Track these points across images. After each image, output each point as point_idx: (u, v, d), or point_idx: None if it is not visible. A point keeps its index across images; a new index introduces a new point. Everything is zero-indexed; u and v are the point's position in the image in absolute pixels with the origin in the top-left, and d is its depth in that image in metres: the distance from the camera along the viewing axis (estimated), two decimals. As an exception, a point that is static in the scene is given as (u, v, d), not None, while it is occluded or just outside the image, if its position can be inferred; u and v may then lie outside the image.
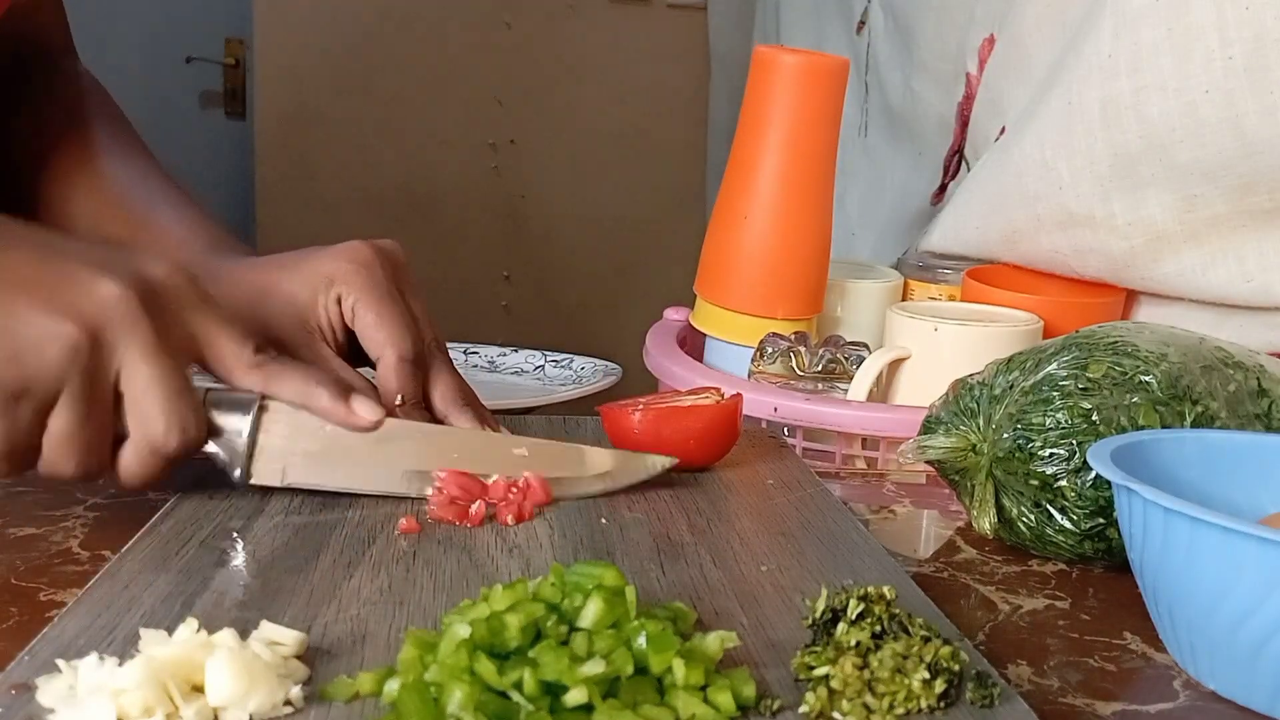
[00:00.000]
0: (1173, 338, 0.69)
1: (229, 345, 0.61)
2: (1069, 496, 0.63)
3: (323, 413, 0.63)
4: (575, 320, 2.69)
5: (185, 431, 0.58)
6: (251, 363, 0.62)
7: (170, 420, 0.57)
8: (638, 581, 0.52)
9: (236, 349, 0.61)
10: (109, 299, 0.56)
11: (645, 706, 0.41)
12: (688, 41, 2.66)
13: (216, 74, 2.75)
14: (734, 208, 0.98)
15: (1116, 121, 0.91)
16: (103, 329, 0.56)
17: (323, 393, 0.63)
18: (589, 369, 1.07)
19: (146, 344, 0.57)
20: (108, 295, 0.56)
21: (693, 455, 0.71)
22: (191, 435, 0.58)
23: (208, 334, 0.60)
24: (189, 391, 0.59)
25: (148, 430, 0.57)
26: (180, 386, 0.58)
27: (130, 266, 0.58)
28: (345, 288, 0.70)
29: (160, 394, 0.57)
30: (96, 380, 0.56)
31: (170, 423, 0.57)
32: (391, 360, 0.69)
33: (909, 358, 0.89)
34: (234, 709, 0.41)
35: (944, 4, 1.32)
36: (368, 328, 0.70)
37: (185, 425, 0.58)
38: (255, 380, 0.62)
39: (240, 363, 0.61)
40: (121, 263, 0.58)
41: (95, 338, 0.56)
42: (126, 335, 0.56)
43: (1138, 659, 0.54)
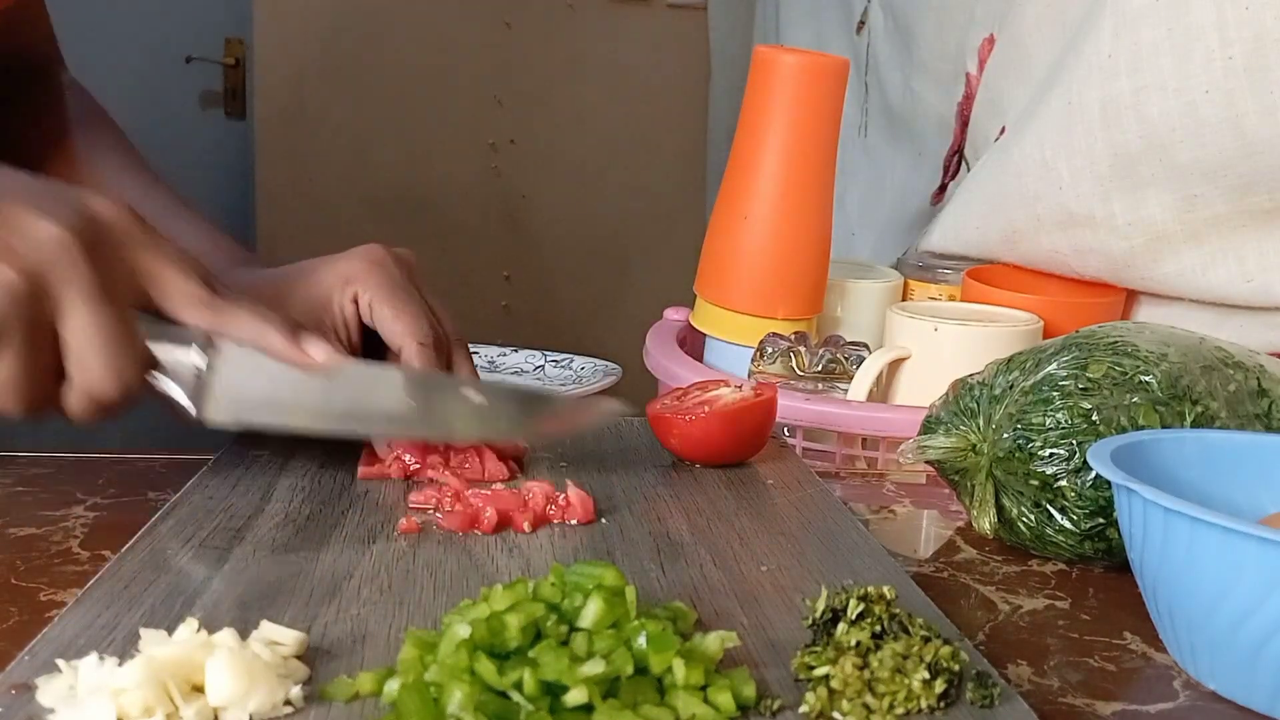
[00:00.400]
0: (1173, 338, 0.69)
1: (178, 282, 0.60)
2: (1069, 496, 0.63)
3: (274, 351, 0.62)
4: (575, 320, 2.69)
5: (123, 380, 0.57)
6: (202, 299, 0.60)
7: (107, 369, 0.57)
8: (638, 581, 0.52)
9: (186, 286, 0.60)
10: (49, 241, 0.55)
11: (645, 706, 0.41)
12: (688, 41, 2.66)
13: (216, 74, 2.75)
14: (734, 208, 0.98)
15: (1116, 121, 0.91)
16: (42, 273, 0.55)
17: (274, 331, 0.62)
18: (589, 369, 1.07)
19: (86, 289, 0.56)
20: (47, 237, 0.55)
21: (745, 452, 0.73)
22: (130, 383, 0.58)
23: (155, 271, 0.59)
24: (128, 339, 0.58)
25: (86, 378, 0.57)
26: (119, 334, 0.57)
27: (73, 205, 0.57)
28: (361, 285, 0.71)
29: (98, 342, 0.56)
30: (37, 325, 0.55)
31: (107, 371, 0.57)
32: (413, 348, 0.70)
33: (909, 358, 0.89)
34: (234, 709, 0.41)
35: (944, 4, 1.32)
36: (385, 320, 0.71)
37: (123, 373, 0.57)
38: (206, 318, 0.61)
39: (190, 300, 0.60)
40: (63, 201, 0.57)
41: (35, 282, 0.55)
42: (66, 279, 0.55)
43: (1138, 659, 0.54)
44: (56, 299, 0.56)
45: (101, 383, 0.57)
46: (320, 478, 0.67)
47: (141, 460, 0.76)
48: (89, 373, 0.57)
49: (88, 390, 0.57)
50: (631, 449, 0.75)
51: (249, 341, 0.62)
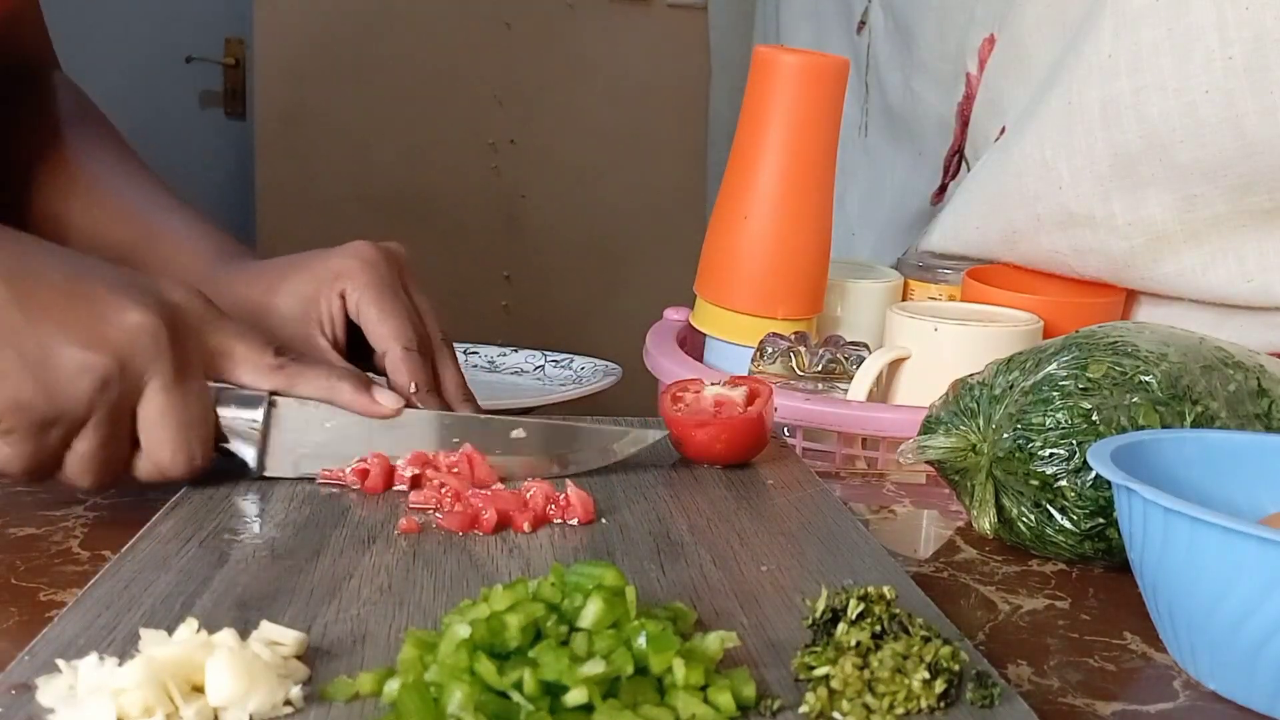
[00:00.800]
0: (1173, 338, 0.69)
1: (249, 353, 0.64)
2: (1069, 496, 0.63)
3: (348, 404, 0.66)
4: (575, 320, 2.69)
5: (191, 460, 0.62)
6: (272, 365, 0.65)
7: (178, 450, 0.61)
8: (638, 581, 0.52)
9: (256, 356, 0.65)
10: (137, 329, 0.59)
11: (645, 706, 0.41)
12: (688, 41, 2.65)
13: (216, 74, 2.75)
14: (734, 208, 0.98)
15: (1116, 121, 0.91)
16: (130, 359, 0.59)
17: (345, 386, 0.66)
18: (589, 369, 1.07)
19: (167, 374, 0.60)
20: (136, 325, 0.59)
21: (755, 452, 0.73)
22: (197, 463, 0.62)
23: (228, 347, 0.64)
24: (201, 420, 0.62)
25: (158, 457, 0.61)
26: (193, 417, 0.61)
27: (153, 292, 0.61)
28: (350, 283, 0.73)
29: (173, 425, 0.60)
30: (121, 407, 0.59)
31: (178, 452, 0.61)
32: (398, 353, 0.71)
33: (909, 358, 0.89)
34: (234, 709, 0.41)
35: (944, 4, 1.32)
36: (371, 322, 0.72)
37: (192, 455, 0.61)
38: (279, 381, 0.65)
39: (262, 367, 0.65)
40: (144, 288, 0.61)
41: (124, 368, 0.59)
42: (150, 366, 0.59)
43: (1138, 659, 0.54)
44: (140, 383, 0.60)
45: (173, 461, 0.61)
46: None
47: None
48: (160, 452, 0.61)
49: (157, 464, 0.61)
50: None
51: (320, 397, 0.66)
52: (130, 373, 0.59)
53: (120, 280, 0.61)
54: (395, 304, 0.73)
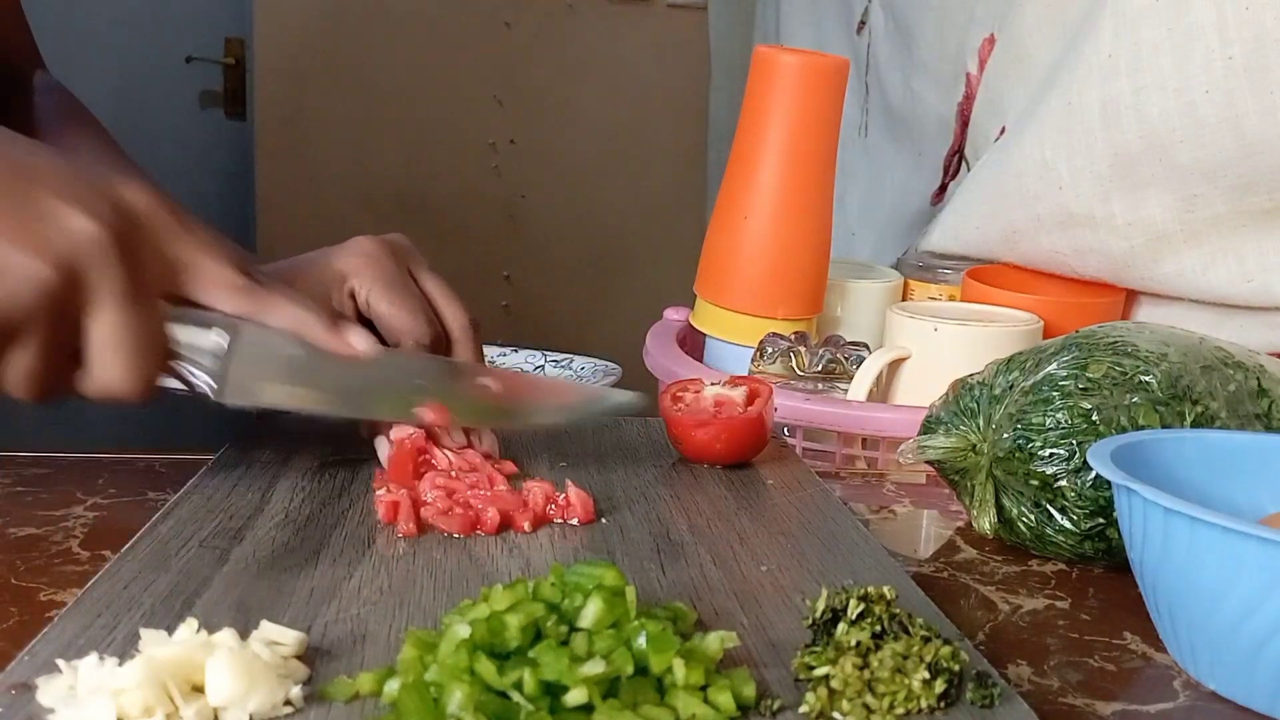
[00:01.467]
0: (1173, 338, 0.69)
1: (213, 270, 0.60)
2: (1069, 496, 0.63)
3: (318, 340, 0.62)
4: (575, 320, 2.69)
5: (141, 380, 0.57)
6: (239, 286, 0.60)
7: (127, 372, 0.57)
8: (638, 581, 0.52)
9: (222, 274, 0.60)
10: (83, 237, 0.54)
11: (645, 706, 0.41)
12: (688, 41, 2.65)
13: (216, 74, 2.75)
14: (734, 208, 0.98)
15: (1116, 121, 0.91)
16: (76, 270, 0.54)
17: (315, 320, 0.62)
18: (589, 369, 1.07)
19: (117, 290, 0.55)
20: (82, 233, 0.54)
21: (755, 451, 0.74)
22: (148, 383, 0.58)
23: (191, 261, 0.59)
24: (152, 341, 0.58)
25: (105, 378, 0.57)
26: (143, 336, 0.57)
27: (107, 195, 0.56)
28: (358, 280, 0.72)
29: (124, 346, 0.56)
30: (64, 321, 0.55)
31: (127, 375, 0.57)
32: (410, 346, 0.70)
33: (909, 358, 0.89)
34: (234, 709, 0.41)
35: (944, 4, 1.32)
36: (383, 316, 0.71)
37: (142, 374, 0.57)
38: (245, 305, 0.60)
39: (227, 288, 0.60)
40: (98, 191, 0.56)
41: (68, 278, 0.54)
42: (98, 278, 0.55)
43: (1138, 659, 0.54)
44: (86, 296, 0.55)
45: (121, 383, 0.57)
46: (320, 478, 0.67)
47: (141, 460, 0.76)
48: (108, 371, 0.57)
49: (105, 387, 0.57)
50: (631, 449, 0.75)
51: (289, 329, 0.62)
52: (76, 285, 0.54)
53: (73, 179, 0.56)
54: (405, 296, 0.72)
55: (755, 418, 0.72)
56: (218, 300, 0.60)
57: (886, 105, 1.50)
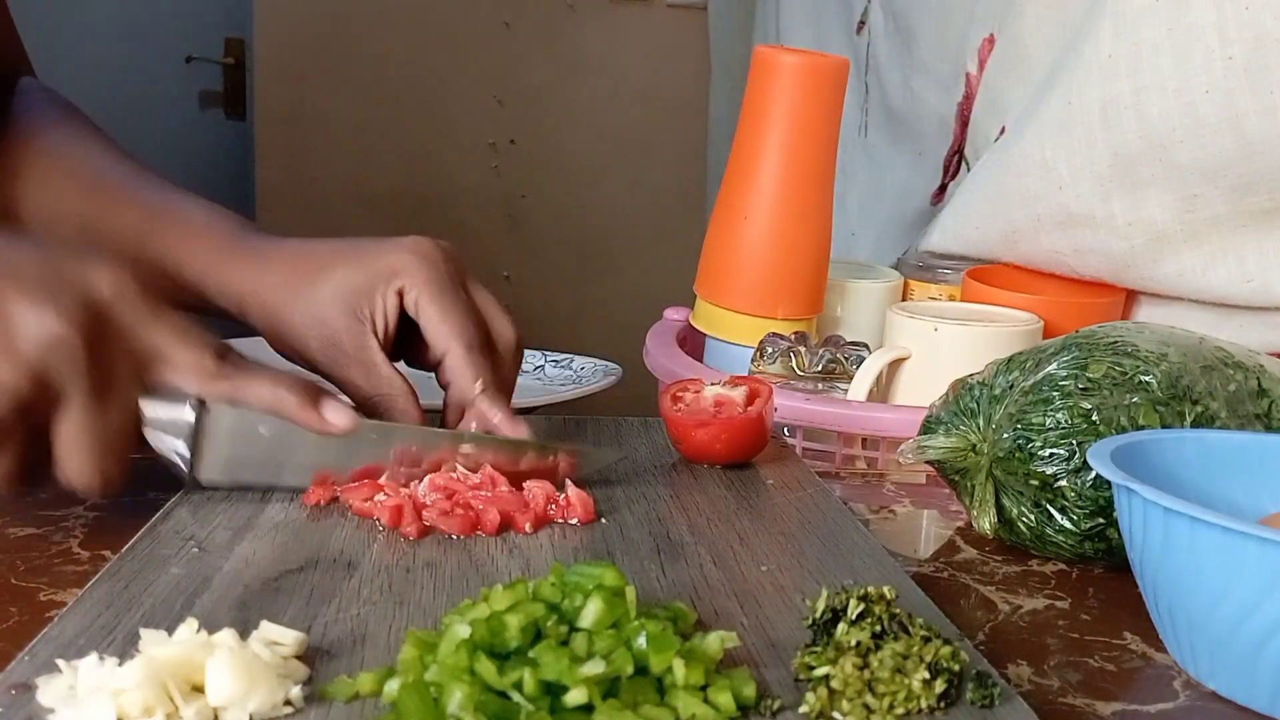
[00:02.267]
0: (1173, 338, 0.69)
1: (187, 356, 0.59)
2: (1069, 496, 0.63)
3: (295, 419, 0.62)
4: (575, 320, 2.69)
5: (107, 481, 0.57)
6: (213, 372, 0.60)
7: (91, 473, 0.57)
8: (638, 581, 0.52)
9: (196, 360, 0.60)
10: (53, 342, 0.54)
11: (645, 706, 0.41)
12: (688, 41, 2.65)
13: (216, 74, 2.75)
14: (734, 208, 0.98)
15: (1116, 121, 0.91)
16: (46, 374, 0.54)
17: (292, 399, 0.62)
18: (589, 369, 1.07)
19: (84, 391, 0.55)
20: (52, 337, 0.54)
21: (756, 451, 0.74)
22: (113, 483, 0.58)
23: (162, 349, 0.59)
24: (119, 440, 0.58)
25: (70, 477, 0.57)
26: (112, 436, 0.57)
27: (74, 286, 0.56)
28: (409, 280, 0.69)
29: (86, 447, 0.56)
30: (36, 424, 0.55)
31: (91, 475, 0.57)
32: (460, 352, 0.69)
33: (909, 358, 0.89)
34: (234, 709, 0.41)
35: (944, 4, 1.32)
36: (432, 321, 0.69)
37: (108, 475, 0.57)
38: (221, 389, 0.60)
39: (202, 373, 0.60)
40: (66, 285, 0.55)
41: (38, 384, 0.54)
42: (68, 380, 0.55)
43: (1138, 659, 0.54)
44: (56, 399, 0.55)
45: (84, 481, 0.57)
46: (320, 478, 0.67)
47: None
48: (73, 473, 0.57)
49: (70, 483, 0.57)
50: (631, 449, 0.75)
51: (265, 408, 0.61)
52: (46, 391, 0.54)
53: (38, 275, 0.55)
54: (457, 303, 0.70)
55: (755, 418, 0.72)
56: (193, 387, 0.60)
57: (886, 105, 1.50)
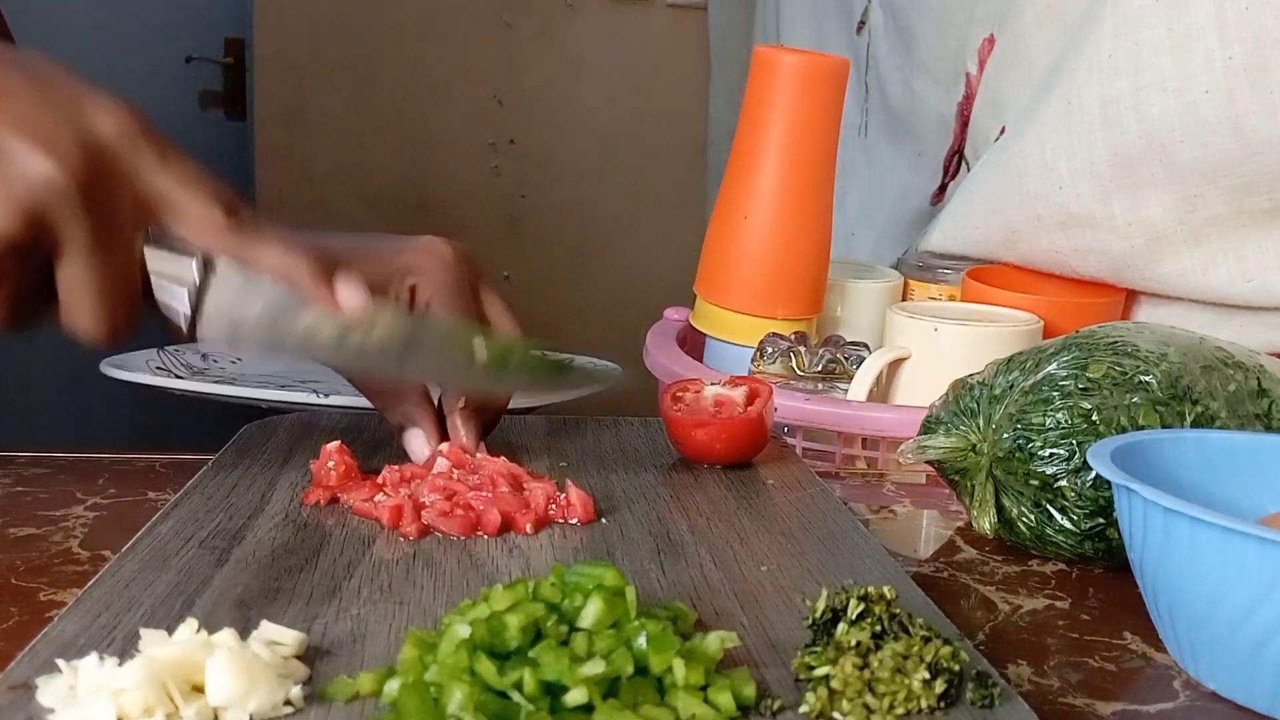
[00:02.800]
0: (1173, 338, 0.69)
1: (196, 208, 0.56)
2: (1069, 496, 0.63)
3: (305, 289, 0.59)
4: (575, 320, 2.69)
5: (112, 330, 0.55)
6: (222, 225, 0.57)
7: (97, 319, 0.55)
8: (638, 581, 0.52)
9: (204, 211, 0.56)
10: (45, 184, 0.51)
11: (645, 706, 0.41)
12: (688, 41, 2.65)
13: (216, 74, 2.75)
14: (734, 208, 0.98)
15: (1116, 121, 0.91)
16: (40, 217, 0.52)
17: (304, 267, 0.59)
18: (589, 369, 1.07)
19: (84, 237, 0.53)
20: (44, 179, 0.51)
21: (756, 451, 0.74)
22: (121, 332, 0.56)
23: (170, 196, 0.56)
24: (124, 288, 0.55)
25: (75, 322, 0.55)
26: (116, 283, 0.55)
27: (75, 128, 0.53)
28: (423, 280, 0.68)
29: (90, 293, 0.54)
30: (31, 265, 0.53)
31: (97, 321, 0.55)
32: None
33: (909, 358, 0.89)
34: (234, 709, 0.41)
35: (944, 4, 1.32)
36: None
37: (115, 323, 0.55)
38: (229, 245, 0.57)
39: (210, 226, 0.57)
40: (65, 122, 0.53)
41: (32, 226, 0.52)
42: (65, 226, 0.52)
43: (1138, 659, 0.54)
44: (53, 243, 0.53)
45: (90, 327, 0.55)
46: (320, 478, 0.67)
47: (141, 460, 0.76)
48: (79, 318, 0.55)
49: (75, 329, 0.56)
50: (631, 449, 0.75)
51: (276, 275, 0.58)
52: (41, 232, 0.52)
53: (38, 112, 0.52)
54: (466, 309, 0.70)
55: (755, 418, 0.72)
56: (200, 239, 0.57)
57: (886, 105, 1.50)
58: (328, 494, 0.63)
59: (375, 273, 0.68)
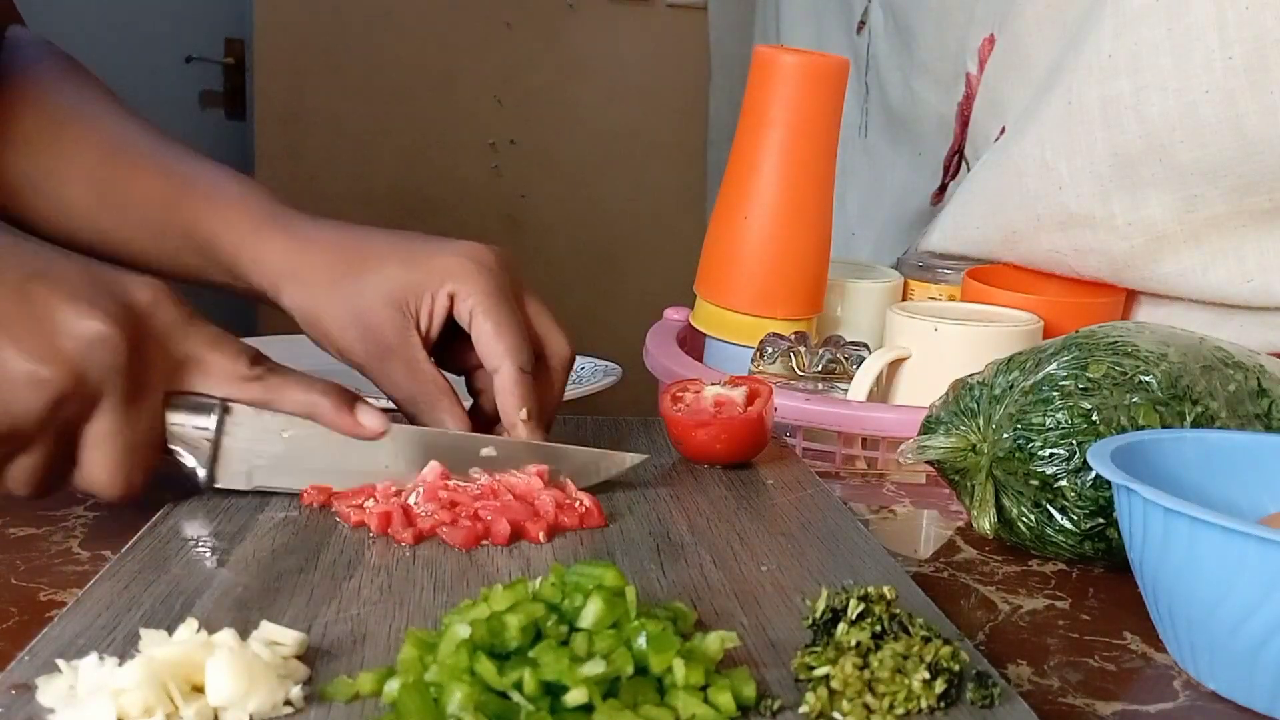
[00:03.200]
0: (1173, 338, 0.69)
1: (221, 363, 0.60)
2: (1069, 496, 0.63)
3: (329, 423, 0.62)
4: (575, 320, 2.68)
5: (128, 487, 0.58)
6: (248, 377, 0.61)
7: (115, 476, 0.57)
8: (638, 581, 0.52)
9: (230, 365, 0.61)
10: (95, 342, 0.55)
11: (645, 706, 0.41)
12: (688, 41, 2.66)
13: (216, 74, 2.75)
14: (734, 208, 0.98)
15: (1116, 121, 0.91)
16: (86, 374, 0.55)
17: (326, 401, 0.62)
18: (589, 369, 1.07)
19: (121, 392, 0.56)
20: (94, 337, 0.55)
21: (756, 451, 0.74)
22: (134, 490, 0.58)
23: (199, 356, 0.60)
24: (146, 443, 0.58)
25: (92, 479, 0.58)
26: (139, 440, 0.58)
27: (115, 295, 0.57)
28: (464, 287, 0.68)
29: (115, 449, 0.57)
30: (72, 424, 0.56)
31: (115, 478, 0.57)
32: (512, 373, 0.67)
33: (909, 358, 0.89)
34: (234, 709, 0.41)
35: (944, 4, 1.32)
36: (487, 335, 0.67)
37: (129, 482, 0.58)
38: (255, 394, 0.61)
39: (236, 378, 0.61)
40: (106, 290, 0.56)
41: (79, 384, 0.55)
42: (107, 381, 0.55)
43: (1138, 659, 0.54)
44: (93, 399, 0.56)
45: (108, 486, 0.58)
46: (320, 478, 0.67)
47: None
48: (98, 475, 0.57)
49: (89, 486, 0.58)
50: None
51: (299, 412, 0.62)
52: (85, 389, 0.55)
53: (80, 282, 0.56)
54: (512, 318, 0.68)
55: (755, 418, 0.72)
56: (228, 391, 0.61)
57: (886, 105, 1.50)
58: (324, 495, 0.63)
59: (414, 274, 0.68)
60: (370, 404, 0.64)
